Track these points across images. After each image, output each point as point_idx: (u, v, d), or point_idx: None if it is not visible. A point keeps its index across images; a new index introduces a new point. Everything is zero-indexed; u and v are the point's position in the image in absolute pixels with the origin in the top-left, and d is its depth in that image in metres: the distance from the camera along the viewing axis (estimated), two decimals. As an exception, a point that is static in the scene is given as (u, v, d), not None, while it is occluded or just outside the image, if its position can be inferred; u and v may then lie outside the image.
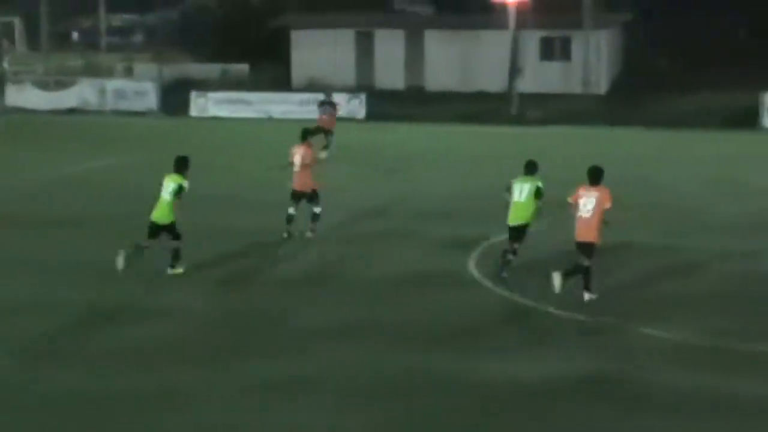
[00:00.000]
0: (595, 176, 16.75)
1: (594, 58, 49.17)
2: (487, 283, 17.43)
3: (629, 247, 19.98)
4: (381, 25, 54.07)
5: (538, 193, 17.64)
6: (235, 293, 16.97)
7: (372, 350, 13.96)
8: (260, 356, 13.74)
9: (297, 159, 20.71)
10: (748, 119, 40.36)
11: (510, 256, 17.84)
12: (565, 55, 50.91)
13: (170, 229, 17.87)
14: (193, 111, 46.99)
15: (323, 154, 25.65)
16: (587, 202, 16.50)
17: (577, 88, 48.38)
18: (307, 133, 21.46)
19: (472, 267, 18.51)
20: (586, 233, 16.49)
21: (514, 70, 46.28)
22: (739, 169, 27.65)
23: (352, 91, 48.15)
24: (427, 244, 20.36)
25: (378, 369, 13.24)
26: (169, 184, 17.88)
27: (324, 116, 33.20)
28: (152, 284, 17.34)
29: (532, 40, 49.64)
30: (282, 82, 51.51)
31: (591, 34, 48.77)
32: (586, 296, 16.49)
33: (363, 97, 46.26)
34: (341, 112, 35.85)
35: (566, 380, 12.79)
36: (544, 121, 41.92)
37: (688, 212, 22.89)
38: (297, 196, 20.75)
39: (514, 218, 17.82)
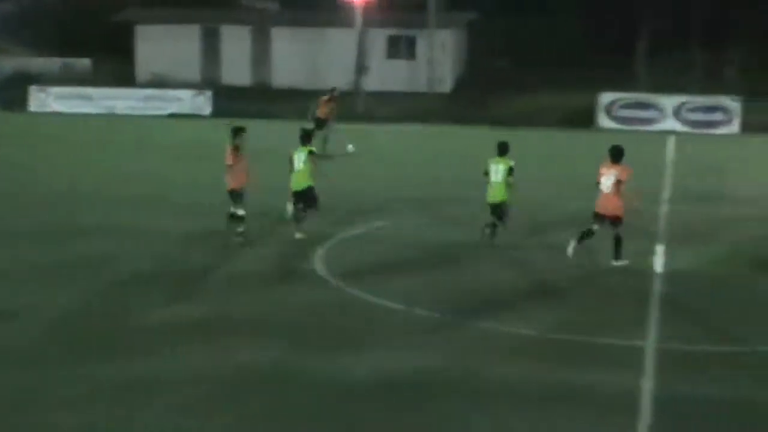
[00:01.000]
0: (615, 155, 18.55)
1: (439, 57, 49.90)
2: (333, 281, 17.51)
3: (473, 244, 20.34)
4: (227, 20, 53.75)
5: (510, 172, 19.59)
6: (84, 292, 16.58)
7: (224, 348, 13.85)
8: (112, 357, 13.45)
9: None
10: (584, 119, 41.64)
11: (488, 230, 19.93)
12: (411, 53, 51.52)
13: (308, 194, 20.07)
14: (33, 106, 45.89)
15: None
16: (608, 179, 18.34)
17: (422, 87, 49.04)
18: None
19: (319, 264, 18.58)
20: (609, 207, 18.40)
21: (361, 68, 46.59)
22: (578, 167, 28.43)
23: (198, 87, 47.72)
24: (274, 241, 20.35)
25: (232, 366, 13.12)
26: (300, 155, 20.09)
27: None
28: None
29: (378, 39, 50.08)
30: (126, 78, 50.65)
31: (436, 33, 49.49)
32: (618, 263, 18.46)
33: (209, 93, 45.89)
34: (187, 108, 35.40)
35: (406, 376, 12.88)
36: (390, 119, 42.34)
37: (530, 208, 23.40)
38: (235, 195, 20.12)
39: (492, 196, 19.80)
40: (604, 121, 41.72)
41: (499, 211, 19.83)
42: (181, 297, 16.38)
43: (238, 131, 20.30)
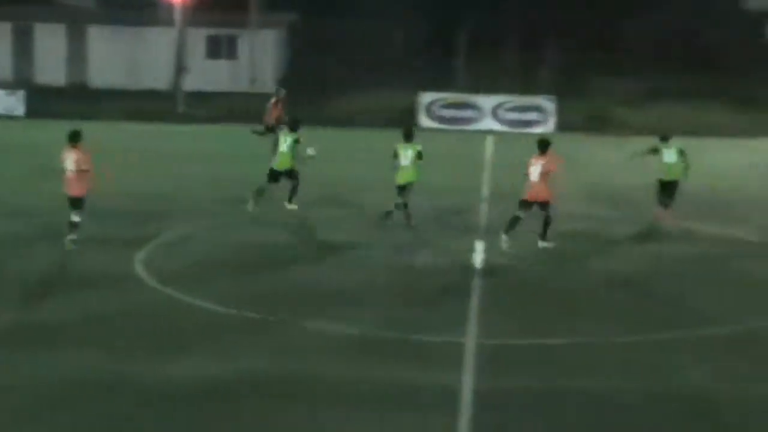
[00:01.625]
0: (542, 147, 20.44)
1: (261, 58, 49.67)
2: (154, 284, 17.17)
3: (295, 244, 20.30)
4: (40, 18, 52.11)
5: (419, 156, 21.56)
6: None
7: (38, 356, 13.35)
8: None
9: None
10: (406, 118, 42.06)
11: (393, 210, 21.58)
12: (232, 53, 51.10)
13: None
14: None
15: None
16: (536, 169, 20.10)
17: (244, 87, 48.72)
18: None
19: (139, 268, 18.19)
20: (540, 194, 20.07)
21: (180, 68, 45.95)
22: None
23: (10, 87, 46.17)
24: (92, 243, 19.78)
25: (48, 375, 12.66)
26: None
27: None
28: None
29: (198, 38, 49.48)
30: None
31: (257, 34, 49.27)
32: (544, 244, 20.13)
33: (22, 93, 44.45)
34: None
35: (232, 380, 12.73)
36: (211, 119, 41.88)
37: (355, 209, 23.57)
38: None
39: (403, 179, 21.56)
40: (424, 121, 42.25)
41: (405, 190, 21.58)
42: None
43: (76, 135, 19.45)
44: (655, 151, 23.47)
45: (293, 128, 23.59)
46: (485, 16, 50.29)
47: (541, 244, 20.22)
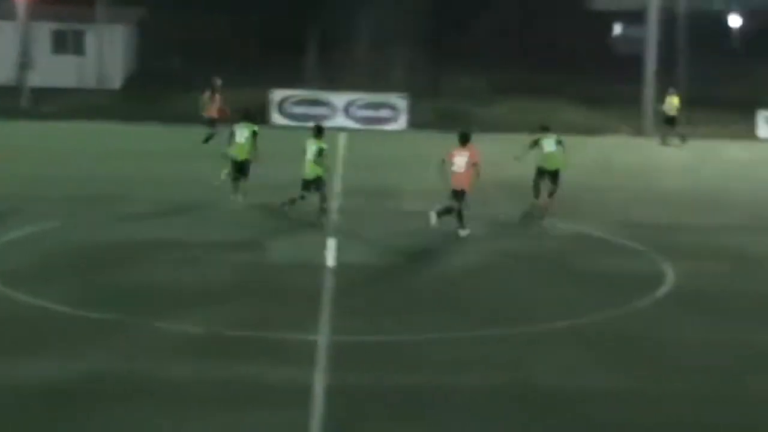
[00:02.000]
0: (463, 139, 21.57)
1: (108, 53, 48.71)
2: (-2, 285, 16.66)
3: (144, 243, 19.97)
4: None
5: (320, 152, 22.15)
6: None
7: None
8: None
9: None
10: (258, 115, 41.79)
11: (299, 200, 22.26)
12: (79, 49, 49.93)
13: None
14: None
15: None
16: (460, 160, 21.27)
17: (91, 83, 47.70)
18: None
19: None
20: (461, 183, 21.25)
21: (24, 63, 44.68)
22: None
23: None
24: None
25: None
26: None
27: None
28: None
29: (43, 33, 48.18)
30: None
31: (105, 29, 48.26)
32: (463, 232, 21.07)
33: None
34: None
35: (76, 381, 12.43)
36: (58, 116, 40.83)
37: (213, 207, 23.38)
38: None
39: (308, 173, 22.16)
40: (277, 118, 42.06)
41: (312, 185, 22.16)
42: None
43: None
44: (536, 143, 24.15)
45: (250, 119, 24.63)
46: (337, 13, 50.34)
47: (462, 232, 21.18)
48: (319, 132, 22.72)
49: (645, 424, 11.93)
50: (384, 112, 42.46)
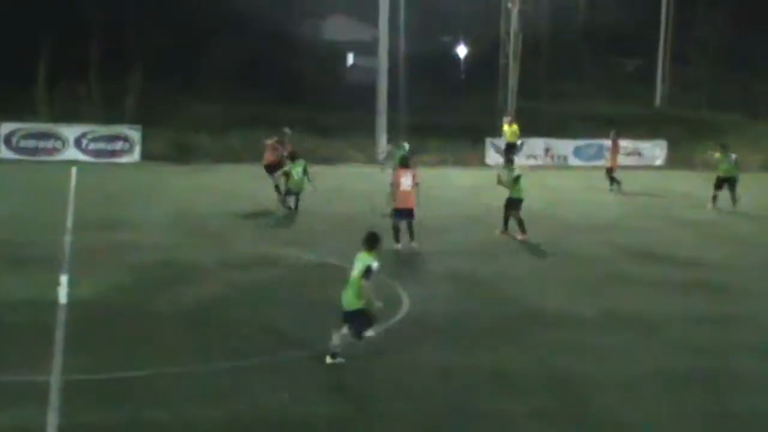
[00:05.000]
0: (404, 162, 24.87)
1: None
2: None
3: None
4: None
5: (305, 170, 27.17)
6: None
7: None
8: None
9: None
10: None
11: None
12: None
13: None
14: None
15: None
16: (407, 180, 23.84)
17: None
18: None
19: None
20: (411, 201, 23.85)
21: None
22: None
23: None
24: None
25: None
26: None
27: None
28: None
29: None
30: None
31: None
32: (415, 245, 23.74)
33: None
34: None
35: None
36: None
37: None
38: None
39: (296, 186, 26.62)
40: (4, 153, 40.46)
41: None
42: None
43: None
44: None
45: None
46: (66, 45, 49.10)
47: (413, 244, 23.71)
48: (294, 156, 27.30)
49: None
50: (117, 145, 41.62)
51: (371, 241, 15.06)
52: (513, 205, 25.94)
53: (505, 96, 48.72)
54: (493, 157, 44.14)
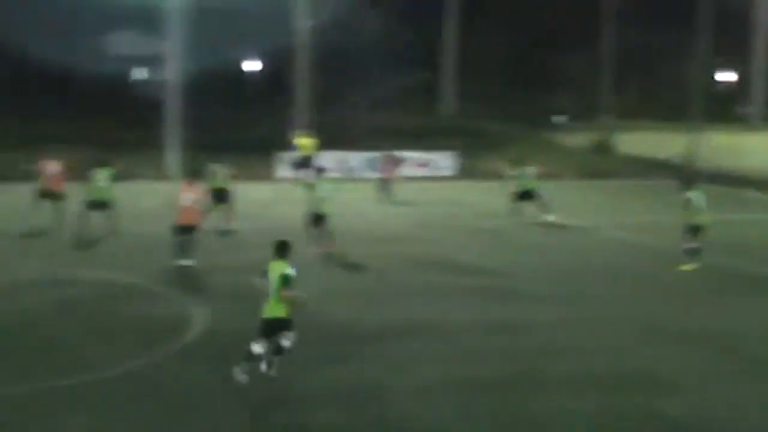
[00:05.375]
0: (193, 176, 24.12)
1: None
2: None
3: None
4: None
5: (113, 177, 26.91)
6: None
7: None
8: None
9: None
10: None
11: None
12: None
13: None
14: None
15: None
16: (189, 196, 23.18)
17: None
18: None
19: None
20: (192, 218, 23.28)
21: None
22: None
23: None
24: None
25: None
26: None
27: None
28: None
29: None
30: None
31: None
32: (189, 262, 23.12)
33: None
34: None
35: None
36: None
37: None
38: None
39: None
40: None
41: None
42: None
43: None
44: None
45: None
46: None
47: (184, 261, 23.10)
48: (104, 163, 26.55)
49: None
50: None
51: (282, 249, 15.33)
52: (319, 219, 26.11)
53: (298, 110, 48.94)
54: (285, 171, 44.24)
